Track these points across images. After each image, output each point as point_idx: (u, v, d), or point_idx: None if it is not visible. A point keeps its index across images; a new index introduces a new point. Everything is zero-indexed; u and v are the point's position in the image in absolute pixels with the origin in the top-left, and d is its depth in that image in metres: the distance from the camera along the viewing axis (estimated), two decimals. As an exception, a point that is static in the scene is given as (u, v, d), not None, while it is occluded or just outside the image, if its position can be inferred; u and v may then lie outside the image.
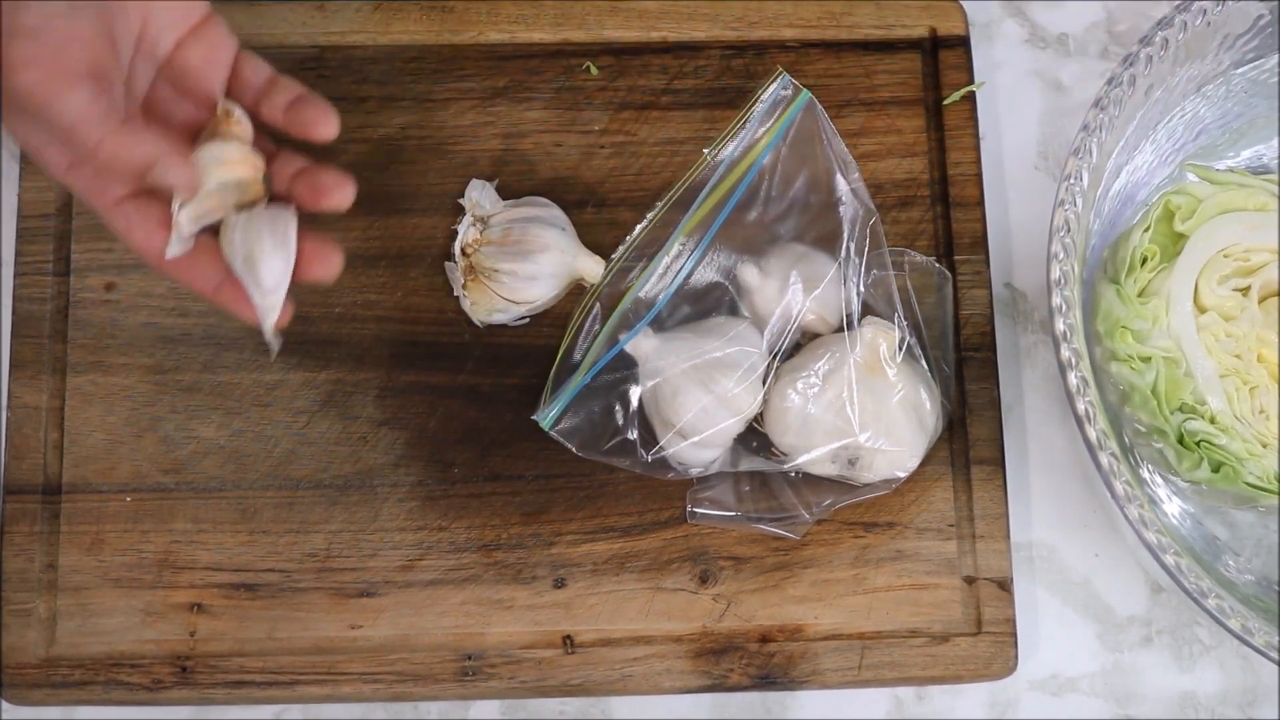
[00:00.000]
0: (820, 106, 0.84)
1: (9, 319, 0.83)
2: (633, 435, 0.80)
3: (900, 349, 0.80)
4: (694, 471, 0.81)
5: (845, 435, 0.78)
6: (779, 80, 0.84)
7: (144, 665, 0.79)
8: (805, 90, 0.83)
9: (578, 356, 0.82)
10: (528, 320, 0.83)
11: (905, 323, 0.82)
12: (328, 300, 0.84)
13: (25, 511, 0.81)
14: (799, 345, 0.82)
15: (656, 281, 0.83)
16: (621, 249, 0.83)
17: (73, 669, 0.79)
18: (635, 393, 0.80)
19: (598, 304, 0.83)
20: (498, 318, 0.82)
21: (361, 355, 0.84)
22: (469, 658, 0.80)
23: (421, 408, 0.83)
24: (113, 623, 0.80)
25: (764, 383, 0.80)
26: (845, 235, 0.82)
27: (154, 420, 0.82)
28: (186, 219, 0.70)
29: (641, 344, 0.80)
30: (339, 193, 0.70)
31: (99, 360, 0.83)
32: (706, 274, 0.83)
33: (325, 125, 0.70)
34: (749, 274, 0.81)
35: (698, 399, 0.78)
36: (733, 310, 0.82)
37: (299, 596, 0.81)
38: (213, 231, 0.72)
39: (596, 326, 0.82)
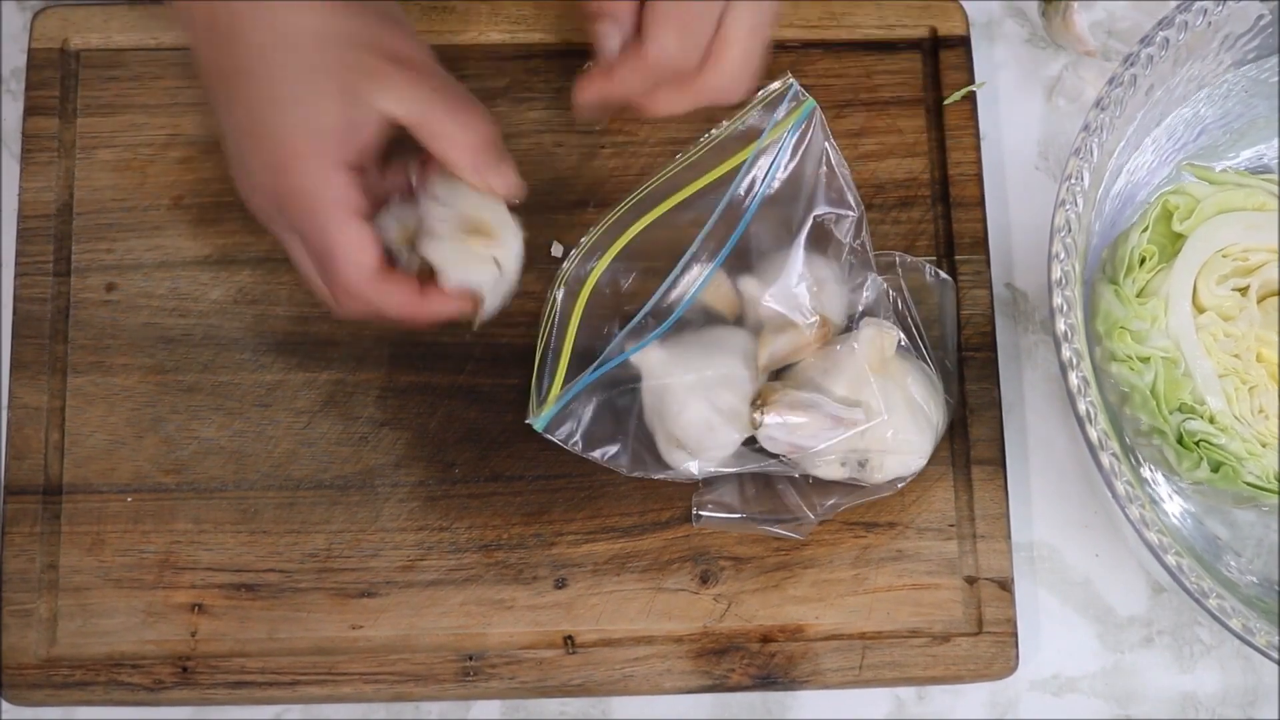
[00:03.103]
0: (819, 110, 0.83)
1: (9, 319, 0.83)
2: (633, 444, 0.80)
3: (897, 348, 0.80)
4: (696, 474, 0.80)
5: (853, 442, 0.78)
6: (790, 91, 0.81)
7: (145, 666, 0.79)
8: (810, 99, 0.81)
9: (550, 348, 0.80)
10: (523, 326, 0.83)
11: (900, 322, 0.82)
12: (328, 300, 0.84)
13: (26, 512, 0.81)
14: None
15: (665, 295, 0.81)
16: (586, 237, 0.81)
17: (73, 669, 0.79)
18: (637, 402, 0.80)
19: (562, 288, 0.81)
20: (469, 277, 0.77)
21: (362, 356, 0.84)
22: (470, 658, 0.80)
23: (422, 408, 0.83)
24: (113, 623, 0.80)
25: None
26: (844, 238, 0.82)
27: (155, 421, 0.82)
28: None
29: (648, 356, 0.79)
30: None
31: (100, 361, 0.83)
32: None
33: None
34: (749, 286, 0.80)
35: (701, 413, 0.77)
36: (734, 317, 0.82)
37: (300, 597, 0.81)
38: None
39: (557, 312, 0.80)
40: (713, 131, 0.80)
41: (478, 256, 0.75)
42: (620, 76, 0.75)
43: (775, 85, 0.80)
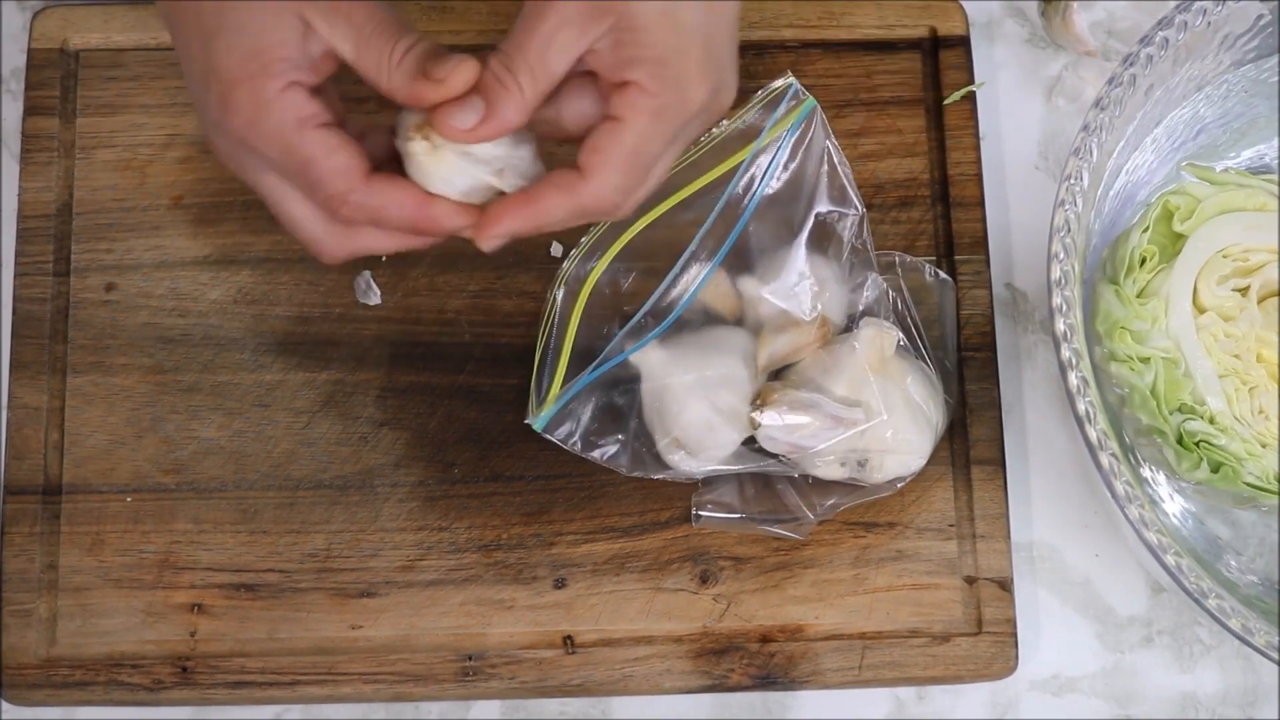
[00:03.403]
0: (820, 108, 0.83)
1: (9, 319, 0.84)
2: (633, 444, 0.79)
3: (897, 348, 0.80)
4: (696, 473, 0.80)
5: (852, 442, 0.78)
6: (790, 90, 0.81)
7: (145, 666, 0.79)
8: (811, 98, 0.81)
9: (550, 348, 0.80)
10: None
11: (900, 322, 0.81)
12: (327, 300, 0.84)
13: (25, 512, 0.81)
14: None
15: (665, 294, 0.81)
16: (586, 237, 0.81)
17: (73, 669, 0.79)
18: (637, 402, 0.79)
19: (562, 288, 0.81)
20: (458, 181, 0.70)
21: (362, 355, 0.84)
22: (469, 658, 0.80)
23: (422, 408, 0.83)
24: (113, 623, 0.80)
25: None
26: (845, 237, 0.82)
27: (154, 421, 0.82)
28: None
29: (648, 356, 0.79)
30: None
31: (99, 361, 0.83)
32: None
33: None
34: (748, 285, 0.80)
35: (701, 413, 0.77)
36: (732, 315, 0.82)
37: (299, 597, 0.81)
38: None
39: (557, 312, 0.80)
40: (714, 130, 0.80)
41: (447, 160, 0.68)
42: (546, 207, 0.69)
43: (776, 84, 0.80)
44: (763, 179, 0.80)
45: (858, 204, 0.80)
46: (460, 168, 0.68)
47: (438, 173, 0.68)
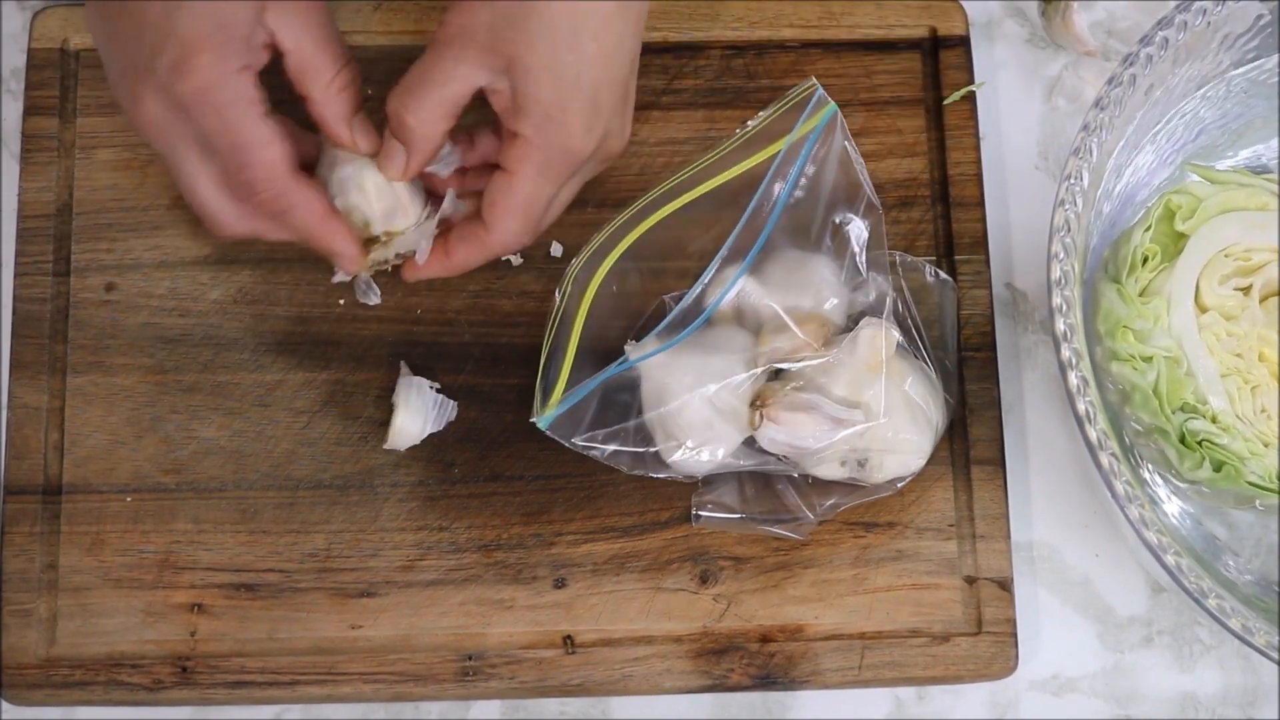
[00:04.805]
0: (840, 112, 0.81)
1: (9, 319, 0.83)
2: (634, 443, 0.79)
3: (897, 348, 0.80)
4: (696, 473, 0.80)
5: (852, 441, 0.78)
6: (814, 96, 0.80)
7: (144, 665, 0.79)
8: (832, 103, 0.80)
9: (556, 347, 0.80)
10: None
11: (900, 322, 0.81)
12: (327, 300, 0.84)
13: (25, 512, 0.81)
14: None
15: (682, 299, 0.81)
16: (597, 236, 0.81)
17: (73, 669, 0.79)
18: (637, 401, 0.79)
19: (569, 287, 0.81)
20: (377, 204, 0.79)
21: (362, 355, 0.84)
22: (469, 658, 0.80)
23: (422, 408, 0.83)
24: (113, 623, 0.80)
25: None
26: (855, 237, 0.81)
27: (154, 420, 0.82)
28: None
29: (651, 358, 0.79)
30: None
31: (99, 361, 0.83)
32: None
33: None
34: (750, 286, 0.80)
35: (701, 413, 0.77)
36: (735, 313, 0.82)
37: (299, 597, 0.81)
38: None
39: (562, 311, 0.80)
40: (737, 131, 0.80)
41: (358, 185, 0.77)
42: (459, 259, 0.78)
43: (801, 87, 0.79)
44: (789, 185, 0.80)
45: (875, 204, 0.80)
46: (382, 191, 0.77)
47: (369, 180, 0.77)
